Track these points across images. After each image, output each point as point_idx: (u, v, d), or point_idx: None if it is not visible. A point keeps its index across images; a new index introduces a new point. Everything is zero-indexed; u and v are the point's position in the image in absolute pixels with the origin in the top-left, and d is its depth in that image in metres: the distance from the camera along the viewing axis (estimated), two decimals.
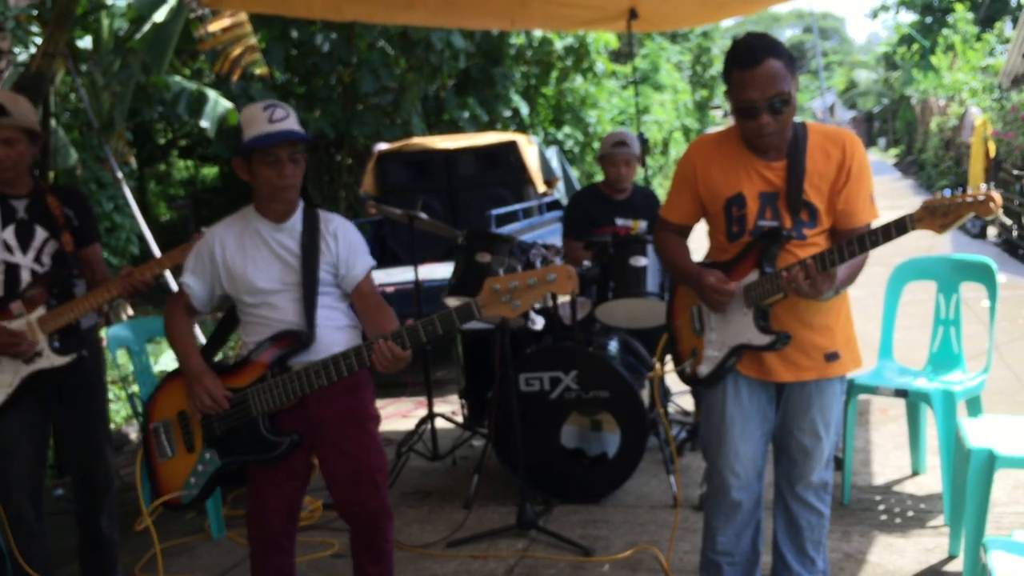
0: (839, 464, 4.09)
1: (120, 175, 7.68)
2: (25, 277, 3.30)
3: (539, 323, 4.32)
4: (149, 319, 5.13)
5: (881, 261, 3.05)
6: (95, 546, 3.57)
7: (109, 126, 8.19)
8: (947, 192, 2.45)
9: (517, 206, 8.58)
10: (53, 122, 6.67)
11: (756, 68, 2.58)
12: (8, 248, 3.29)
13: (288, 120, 2.84)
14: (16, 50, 7.01)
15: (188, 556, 4.17)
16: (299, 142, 2.83)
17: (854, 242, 2.55)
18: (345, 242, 2.95)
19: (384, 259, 8.87)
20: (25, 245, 3.32)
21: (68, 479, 4.74)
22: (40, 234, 3.35)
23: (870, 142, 44.29)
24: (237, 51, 8.39)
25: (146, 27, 8.50)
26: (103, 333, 4.38)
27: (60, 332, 3.30)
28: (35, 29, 7.45)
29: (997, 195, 2.40)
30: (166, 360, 7.36)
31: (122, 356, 6.72)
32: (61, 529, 3.65)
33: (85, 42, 8.72)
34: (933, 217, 2.45)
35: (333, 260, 2.93)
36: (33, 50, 7.15)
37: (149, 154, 12.79)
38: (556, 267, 2.56)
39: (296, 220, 2.93)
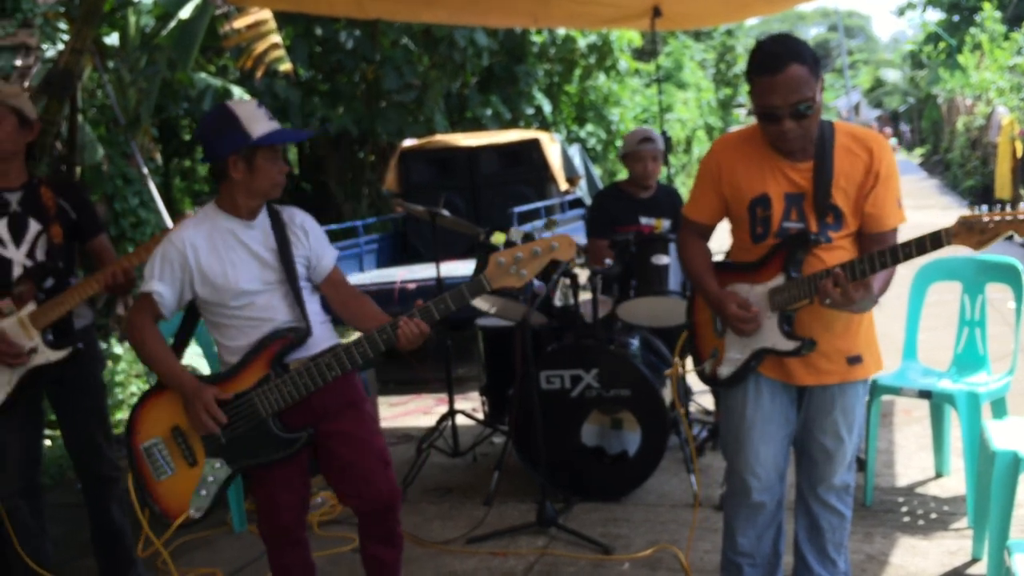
0: (861, 465, 4.06)
1: (146, 171, 7.74)
2: (16, 272, 3.27)
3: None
4: None
5: (906, 262, 3.02)
6: (108, 537, 3.61)
7: (135, 122, 8.25)
8: (984, 208, 2.42)
9: (539, 204, 8.58)
10: (80, 118, 6.72)
11: (779, 74, 2.54)
12: (1, 242, 3.28)
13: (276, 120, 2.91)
14: (44, 46, 7.07)
15: (210, 549, 4.21)
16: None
17: (886, 253, 2.51)
18: (314, 234, 2.98)
19: (406, 256, 8.90)
20: (18, 238, 3.29)
21: None
22: (34, 227, 3.32)
23: (899, 140, 43.85)
24: (261, 48, 8.44)
25: (172, 24, 8.56)
26: None
27: (53, 328, 3.27)
28: (63, 26, 7.51)
29: None
30: (189, 354, 7.40)
31: None
32: (81, 521, 3.69)
33: (112, 39, 8.78)
34: (970, 233, 2.41)
35: (306, 253, 2.94)
36: (61, 46, 7.21)
37: (174, 150, 12.85)
38: (558, 236, 2.63)
39: (263, 216, 2.92)
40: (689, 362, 3.11)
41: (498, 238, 3.85)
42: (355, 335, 2.88)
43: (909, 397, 4.01)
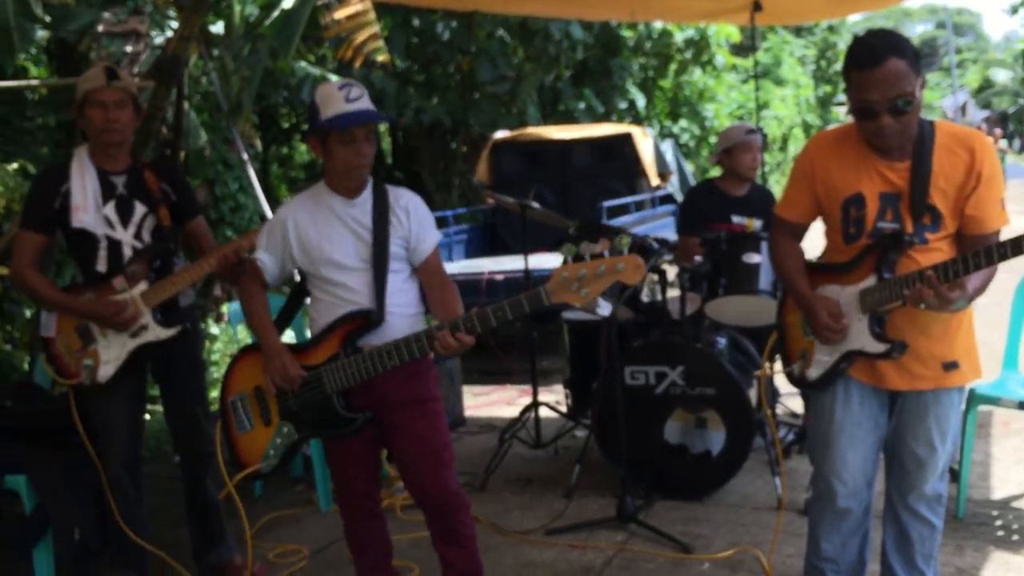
0: (955, 476, 3.95)
1: (245, 157, 7.94)
2: (127, 253, 3.39)
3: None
4: (269, 296, 5.30)
5: (1009, 267, 2.91)
6: (201, 510, 3.73)
7: (237, 109, 8.47)
8: None
9: (629, 198, 8.53)
10: (186, 104, 6.94)
11: (877, 68, 2.48)
12: (110, 224, 3.38)
13: (362, 100, 2.87)
14: (153, 33, 7.31)
15: (296, 526, 4.32)
16: (373, 122, 2.87)
17: (980, 253, 2.43)
18: (416, 216, 2.99)
19: (494, 247, 8.95)
20: (125, 220, 3.41)
21: None
22: (139, 209, 3.43)
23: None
24: (360, 38, 8.56)
25: (275, 14, 8.75)
26: (225, 308, 4.56)
27: (162, 307, 3.40)
28: (171, 14, 7.76)
29: None
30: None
31: (242, 331, 6.97)
32: (177, 493, 3.83)
33: (217, 27, 9.02)
34: None
35: (405, 234, 2.96)
36: (169, 34, 7.45)
37: (273, 137, 13.18)
38: (626, 257, 2.58)
39: (367, 195, 2.97)
40: (778, 363, 3.07)
41: (567, 250, 3.84)
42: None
43: (1008, 408, 3.88)
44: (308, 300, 3.12)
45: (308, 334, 3.09)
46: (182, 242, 3.68)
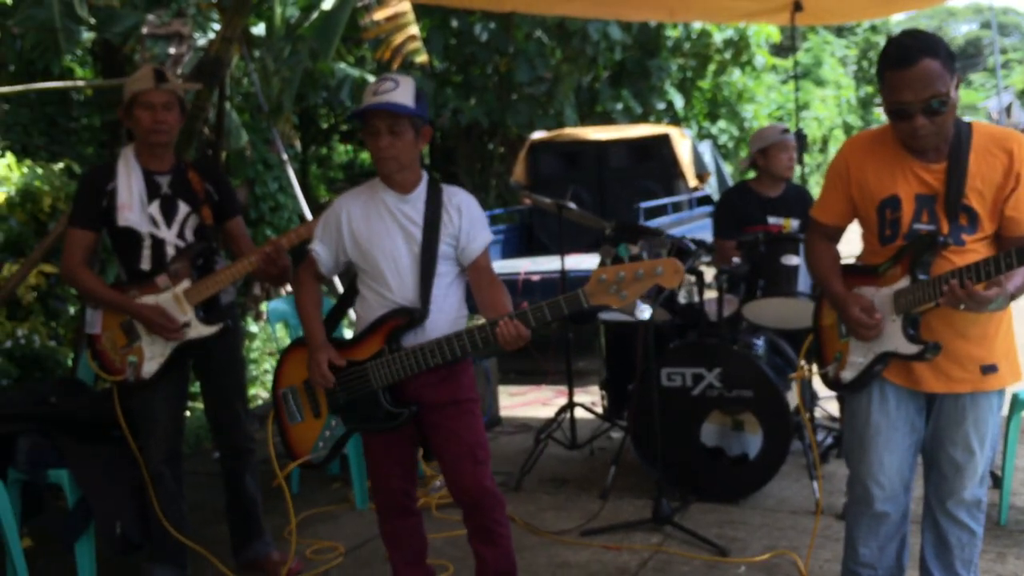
0: (996, 482, 3.89)
1: (285, 157, 8.02)
2: (170, 251, 3.45)
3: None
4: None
5: None
6: (240, 505, 3.78)
7: (278, 110, 8.55)
8: None
9: (666, 200, 8.50)
10: (227, 104, 7.02)
11: (910, 68, 2.47)
12: (154, 222, 3.44)
13: (394, 92, 2.84)
14: (196, 35, 7.41)
15: (333, 524, 4.35)
16: (398, 114, 2.83)
17: (1012, 253, 2.40)
18: (468, 215, 3.00)
19: (531, 248, 8.95)
20: (169, 219, 3.47)
21: None
22: (183, 209, 3.49)
23: None
24: (399, 39, 8.61)
25: (315, 15, 8.83)
26: (264, 307, 4.61)
27: (204, 304, 3.46)
28: (214, 16, 7.86)
29: None
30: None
31: (280, 329, 7.04)
32: (217, 489, 3.88)
33: (259, 29, 9.13)
34: None
35: (455, 232, 2.97)
36: (212, 35, 7.54)
37: (312, 138, 13.28)
38: (665, 260, 2.58)
39: (421, 191, 2.98)
40: (815, 366, 3.04)
41: (605, 252, 3.84)
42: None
43: None
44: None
45: (345, 332, 3.12)
46: (221, 241, 3.74)
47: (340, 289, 3.86)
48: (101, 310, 3.48)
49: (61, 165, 6.48)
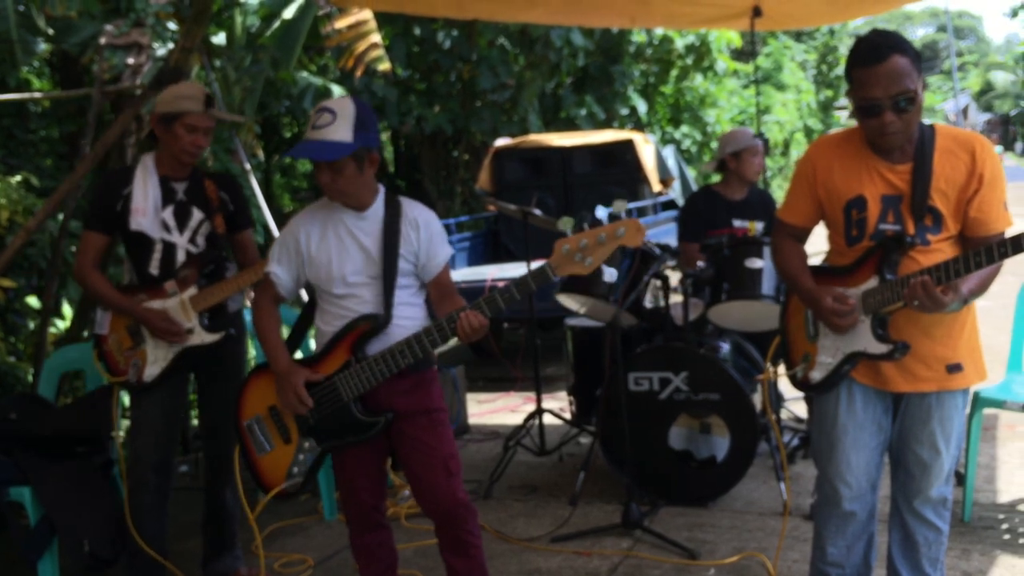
0: (960, 480, 3.94)
1: (248, 167, 7.94)
2: (180, 257, 3.48)
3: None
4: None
5: (1013, 270, 2.92)
6: (218, 519, 3.74)
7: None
8: None
9: (631, 205, 8.53)
10: None
11: (880, 65, 2.51)
12: (167, 228, 3.47)
13: (329, 128, 2.76)
14: (155, 45, 7.33)
15: (302, 536, 4.32)
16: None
17: (981, 252, 2.44)
18: (427, 231, 2.96)
19: (497, 254, 8.95)
20: (182, 226, 3.50)
21: (192, 456, 4.96)
22: (196, 215, 3.52)
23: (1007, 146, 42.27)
24: (362, 47, 8.58)
25: (276, 24, 8.78)
26: None
27: (210, 311, 3.48)
28: (173, 25, 7.78)
29: None
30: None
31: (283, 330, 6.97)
32: (184, 503, 3.83)
33: (219, 38, 9.04)
34: None
35: (414, 249, 2.94)
36: (171, 45, 7.46)
37: (275, 147, 13.19)
38: (626, 220, 2.59)
39: (378, 208, 2.95)
40: (781, 368, 3.07)
41: (565, 223, 3.84)
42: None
43: (1013, 411, 3.87)
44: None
45: (312, 345, 3.09)
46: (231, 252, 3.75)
47: (305, 298, 3.83)
48: (110, 312, 3.50)
49: (19, 178, 6.38)
